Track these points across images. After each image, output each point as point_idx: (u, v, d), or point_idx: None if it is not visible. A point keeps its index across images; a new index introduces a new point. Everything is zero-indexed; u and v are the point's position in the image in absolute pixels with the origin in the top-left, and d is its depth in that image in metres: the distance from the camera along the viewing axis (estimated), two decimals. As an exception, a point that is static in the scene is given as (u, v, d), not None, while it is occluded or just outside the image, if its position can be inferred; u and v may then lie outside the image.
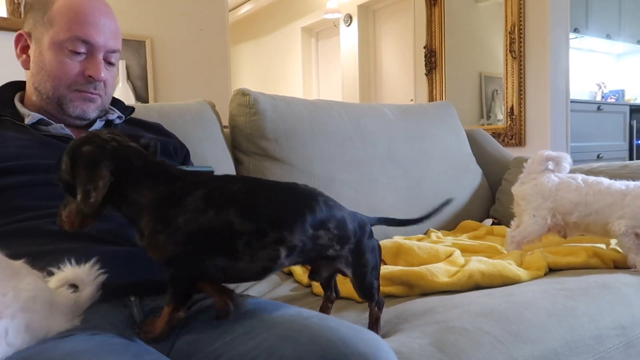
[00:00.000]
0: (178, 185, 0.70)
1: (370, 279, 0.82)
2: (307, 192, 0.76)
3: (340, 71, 5.37)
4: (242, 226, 0.68)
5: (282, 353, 0.63)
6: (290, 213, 0.71)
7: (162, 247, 0.67)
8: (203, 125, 1.49)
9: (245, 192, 0.71)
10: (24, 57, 1.04)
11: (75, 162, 0.70)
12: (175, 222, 0.67)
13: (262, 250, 0.69)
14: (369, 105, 1.84)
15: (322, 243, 0.73)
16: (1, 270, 0.66)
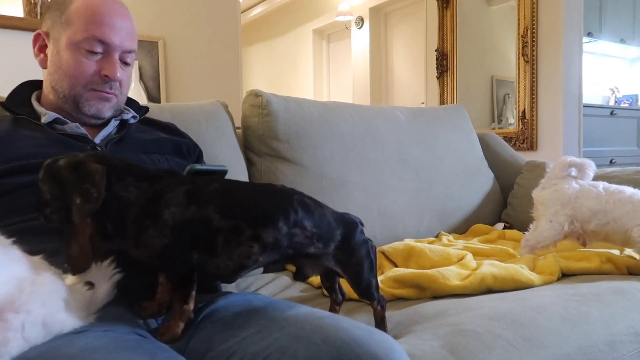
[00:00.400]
0: (160, 183, 0.73)
1: (366, 277, 0.84)
2: (282, 191, 0.80)
3: (351, 74, 5.38)
4: (221, 222, 0.72)
5: (295, 352, 0.63)
6: (264, 212, 0.75)
7: (152, 241, 0.70)
8: (216, 125, 1.49)
9: (223, 191, 0.75)
10: (41, 56, 1.06)
11: (55, 176, 0.71)
12: (161, 216, 0.70)
13: (239, 247, 0.73)
14: (380, 108, 1.84)
15: (298, 241, 0.76)
16: (20, 266, 0.67)
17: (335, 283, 0.95)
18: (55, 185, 0.70)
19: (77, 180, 0.69)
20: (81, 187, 0.68)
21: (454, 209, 1.79)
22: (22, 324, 0.64)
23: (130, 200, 0.71)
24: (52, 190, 0.71)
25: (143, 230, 0.70)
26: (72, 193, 0.69)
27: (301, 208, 0.78)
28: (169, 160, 1.10)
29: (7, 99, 1.06)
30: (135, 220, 0.70)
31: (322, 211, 0.81)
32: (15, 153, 0.94)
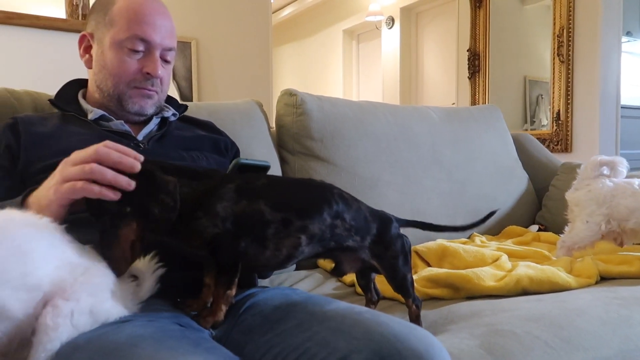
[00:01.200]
0: (211, 181, 0.76)
1: (402, 270, 0.86)
2: (323, 185, 0.84)
3: (381, 74, 5.36)
4: (272, 215, 0.75)
5: (335, 346, 0.64)
6: (310, 204, 0.78)
7: (202, 230, 0.72)
8: (251, 124, 1.52)
9: (271, 185, 0.79)
10: (86, 57, 1.10)
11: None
12: (214, 209, 0.73)
13: (287, 239, 0.76)
14: (414, 108, 1.84)
15: (339, 232, 0.79)
16: (73, 253, 0.70)
17: (371, 282, 0.96)
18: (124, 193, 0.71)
19: (152, 192, 0.71)
20: (158, 198, 0.71)
21: (487, 210, 1.74)
22: (71, 311, 0.67)
23: (183, 197, 0.73)
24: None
25: (195, 220, 0.73)
26: (148, 203, 0.71)
27: (341, 201, 0.81)
28: (208, 157, 1.13)
29: (56, 96, 1.11)
30: (187, 212, 0.73)
31: (359, 205, 0.85)
32: (64, 147, 0.98)
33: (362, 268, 0.90)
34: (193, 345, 0.67)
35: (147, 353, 0.63)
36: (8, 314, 0.62)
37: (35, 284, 0.65)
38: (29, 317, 0.65)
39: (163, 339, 0.67)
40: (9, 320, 0.63)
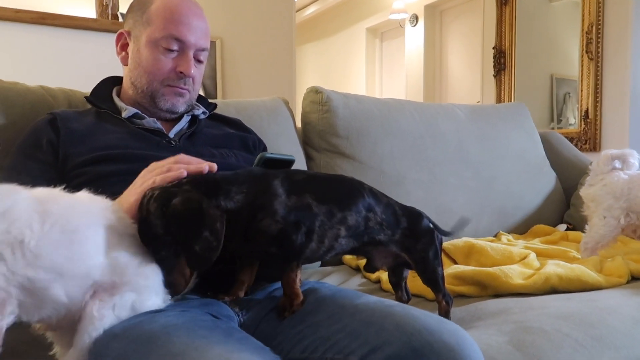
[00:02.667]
0: (257, 182, 0.78)
1: (432, 263, 0.88)
2: (355, 180, 0.87)
3: (404, 72, 5.33)
4: (317, 208, 0.78)
5: (367, 338, 0.65)
6: (347, 196, 0.81)
7: (267, 229, 0.74)
8: (277, 121, 1.54)
9: (310, 180, 0.81)
10: (123, 54, 1.13)
11: (172, 215, 0.71)
12: (271, 207, 0.75)
13: (330, 230, 0.79)
14: (440, 105, 1.83)
15: (372, 225, 0.82)
16: (129, 250, 0.73)
17: (402, 280, 0.97)
18: (171, 224, 0.72)
19: (196, 227, 0.71)
20: (201, 235, 0.71)
21: (514, 209, 1.75)
22: (114, 304, 0.70)
23: (239, 206, 0.75)
24: (165, 227, 0.72)
25: (258, 222, 0.75)
26: (190, 239, 0.71)
27: (372, 195, 0.84)
28: (237, 154, 1.15)
29: (91, 94, 1.14)
30: (247, 217, 0.75)
31: (388, 200, 0.88)
32: (100, 144, 1.01)
33: (394, 264, 0.91)
34: (225, 335, 0.69)
35: (181, 341, 0.65)
36: (53, 298, 0.65)
37: (84, 272, 0.68)
38: (76, 302, 0.67)
39: (196, 329, 0.69)
40: (55, 303, 0.66)
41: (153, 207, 0.72)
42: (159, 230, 0.72)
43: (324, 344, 0.69)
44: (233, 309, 0.84)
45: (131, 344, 0.66)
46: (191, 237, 0.71)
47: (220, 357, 0.61)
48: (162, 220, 0.72)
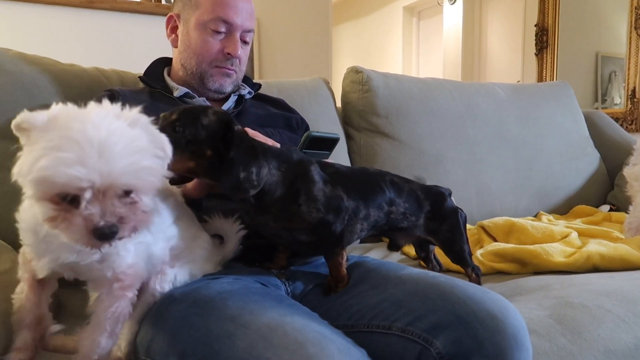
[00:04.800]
0: (296, 165, 0.77)
1: (458, 243, 0.90)
2: (376, 173, 0.87)
3: (442, 52, 5.24)
4: (348, 202, 0.78)
5: (411, 307, 0.68)
6: (371, 192, 0.82)
7: (306, 216, 0.75)
8: (318, 100, 1.56)
9: (339, 174, 0.81)
10: (173, 36, 1.17)
11: (234, 138, 0.71)
12: (311, 193, 0.75)
13: (355, 225, 0.80)
14: (480, 84, 1.82)
15: (394, 217, 0.84)
16: (188, 221, 0.79)
17: (430, 253, 1.00)
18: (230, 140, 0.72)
19: (248, 157, 0.71)
20: (249, 167, 0.71)
21: (555, 189, 1.74)
22: (175, 275, 0.77)
23: (275, 180, 0.74)
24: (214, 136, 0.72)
25: (298, 206, 0.74)
26: (239, 164, 0.71)
27: (393, 187, 0.85)
28: (281, 133, 1.18)
29: (145, 74, 1.19)
30: (284, 198, 0.75)
31: (410, 187, 0.88)
32: None
33: (418, 241, 0.94)
34: (276, 301, 0.73)
35: (236, 305, 0.69)
36: (154, 261, 0.72)
37: (170, 236, 0.75)
38: (163, 261, 0.74)
39: (249, 294, 0.73)
40: (152, 266, 0.72)
41: (213, 116, 0.73)
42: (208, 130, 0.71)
43: (369, 312, 0.73)
44: (280, 279, 0.88)
45: (191, 307, 0.71)
46: (240, 162, 0.70)
47: (273, 319, 0.65)
48: (218, 126, 0.72)
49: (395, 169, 1.55)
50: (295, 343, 0.59)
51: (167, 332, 0.69)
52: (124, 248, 0.64)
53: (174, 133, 0.70)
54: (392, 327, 0.69)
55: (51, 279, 0.69)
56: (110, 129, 0.55)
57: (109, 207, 0.55)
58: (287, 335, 0.61)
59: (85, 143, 0.53)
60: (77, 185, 0.53)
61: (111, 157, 0.54)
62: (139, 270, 0.67)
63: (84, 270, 0.63)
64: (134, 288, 0.67)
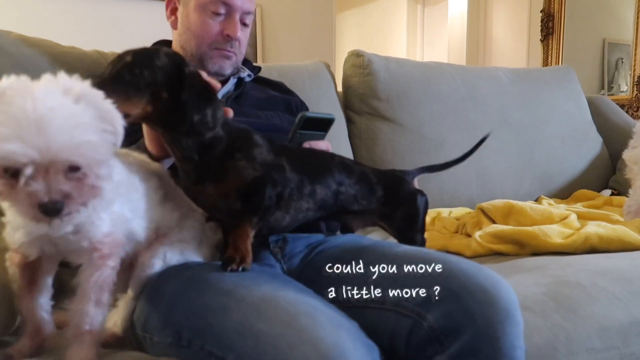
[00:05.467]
0: (240, 129, 0.77)
1: (410, 232, 0.86)
2: (325, 153, 0.86)
3: (447, 39, 5.20)
4: (291, 175, 0.77)
5: (405, 279, 0.69)
6: (317, 169, 0.80)
7: (242, 171, 0.72)
8: (319, 84, 1.56)
9: (285, 146, 0.81)
10: (172, 18, 1.17)
11: (186, 80, 0.69)
12: (250, 152, 0.74)
13: (298, 202, 0.78)
14: (482, 69, 1.81)
15: (342, 199, 0.82)
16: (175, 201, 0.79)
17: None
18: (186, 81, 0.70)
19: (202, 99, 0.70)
20: (204, 109, 0.69)
21: (556, 173, 1.74)
22: (164, 252, 0.77)
23: (220, 136, 0.73)
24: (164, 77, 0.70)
25: (235, 161, 0.72)
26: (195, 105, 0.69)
27: (343, 167, 0.83)
28: (280, 116, 1.18)
29: (144, 56, 1.20)
30: (223, 154, 0.73)
31: (362, 169, 0.86)
32: None
33: (371, 225, 0.92)
34: (271, 277, 0.75)
35: (231, 281, 0.70)
36: (136, 238, 0.73)
37: (152, 219, 0.75)
38: (144, 243, 0.75)
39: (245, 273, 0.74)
40: (134, 242, 0.73)
41: (165, 58, 0.70)
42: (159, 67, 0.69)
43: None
44: (276, 257, 0.89)
45: (186, 282, 0.72)
46: (194, 105, 0.69)
47: (267, 293, 0.66)
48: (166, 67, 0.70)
49: (396, 152, 1.56)
50: (287, 315, 0.60)
51: (163, 307, 0.71)
52: (98, 217, 0.64)
53: (131, 76, 0.67)
54: (385, 302, 0.69)
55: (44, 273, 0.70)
56: (50, 105, 0.55)
57: (53, 184, 0.55)
58: (280, 308, 0.62)
59: (23, 119, 0.53)
60: (15, 160, 0.53)
61: (50, 132, 0.54)
62: (117, 238, 0.67)
63: (62, 243, 0.64)
64: (114, 256, 0.67)
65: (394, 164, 1.54)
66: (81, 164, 0.57)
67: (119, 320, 0.73)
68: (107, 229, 0.66)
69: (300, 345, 0.56)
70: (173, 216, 0.79)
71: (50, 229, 0.61)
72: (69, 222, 0.61)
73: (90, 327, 0.64)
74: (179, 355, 0.67)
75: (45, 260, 0.68)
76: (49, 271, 0.70)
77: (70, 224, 0.62)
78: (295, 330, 0.58)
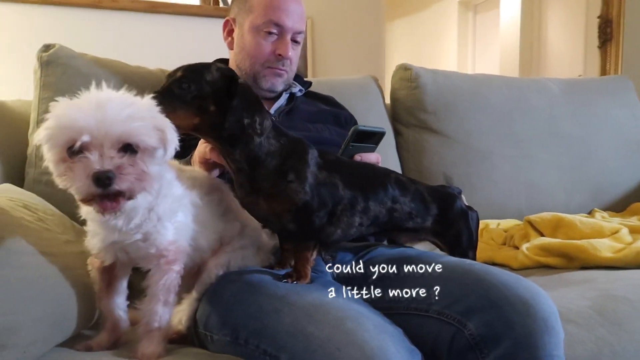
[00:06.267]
0: (295, 140, 0.78)
1: (461, 248, 0.88)
2: (381, 169, 0.87)
3: (499, 47, 5.12)
4: (344, 192, 0.78)
5: (448, 291, 0.72)
6: (372, 185, 0.81)
7: (293, 195, 0.74)
8: (367, 98, 1.61)
9: (339, 161, 0.82)
10: (229, 39, 1.25)
11: (238, 89, 0.73)
12: (303, 173, 0.75)
13: (351, 218, 0.79)
14: (532, 80, 1.80)
15: (398, 216, 0.83)
16: (237, 213, 0.86)
17: None
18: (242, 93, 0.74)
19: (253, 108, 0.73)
20: (253, 117, 0.73)
21: (610, 186, 1.70)
22: (228, 259, 0.84)
23: (272, 150, 0.75)
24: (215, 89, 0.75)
25: (288, 183, 0.74)
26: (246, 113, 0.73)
27: (398, 185, 0.84)
28: (330, 129, 1.24)
29: (203, 75, 1.28)
30: (276, 170, 0.75)
31: (417, 187, 0.87)
32: None
33: (421, 241, 0.95)
34: (321, 285, 0.80)
35: (285, 287, 0.76)
36: (200, 247, 0.80)
37: (216, 230, 0.82)
38: (209, 252, 0.82)
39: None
40: (199, 251, 0.80)
41: (217, 72, 0.75)
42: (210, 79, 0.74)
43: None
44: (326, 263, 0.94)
45: (244, 286, 0.78)
46: (245, 109, 0.72)
47: (317, 299, 0.71)
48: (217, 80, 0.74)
49: (443, 164, 1.58)
50: (335, 319, 0.65)
51: (222, 308, 0.77)
52: (163, 226, 0.71)
53: (179, 89, 0.72)
54: (429, 310, 0.73)
55: (119, 277, 0.78)
56: (109, 96, 0.64)
57: (107, 156, 0.62)
58: (329, 313, 0.67)
59: (85, 102, 0.63)
60: (76, 129, 0.61)
61: (105, 108, 0.62)
62: (181, 246, 0.74)
63: (133, 250, 0.72)
64: (178, 262, 0.74)
65: (440, 175, 1.57)
66: (132, 142, 0.63)
67: (183, 318, 0.80)
68: (172, 237, 0.73)
69: (347, 347, 0.61)
70: (234, 227, 0.85)
71: (122, 235, 0.69)
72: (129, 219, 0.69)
73: (159, 324, 0.71)
74: (237, 353, 0.73)
75: (119, 265, 0.76)
76: (123, 275, 0.78)
77: (139, 232, 0.70)
78: (342, 333, 0.63)
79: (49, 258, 0.71)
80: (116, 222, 0.69)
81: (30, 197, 0.93)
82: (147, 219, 0.70)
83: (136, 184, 0.64)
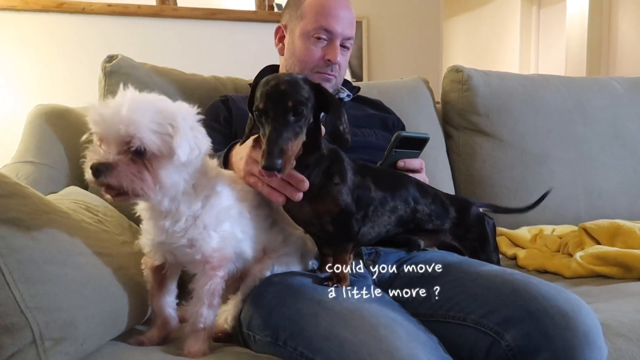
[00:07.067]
0: (333, 150, 0.80)
1: (484, 254, 0.90)
2: (401, 173, 0.91)
3: (565, 42, 4.89)
4: (375, 193, 0.81)
5: (486, 300, 0.72)
6: (398, 186, 0.85)
7: (338, 196, 0.76)
8: (417, 100, 1.60)
9: (367, 166, 0.85)
10: (280, 45, 1.29)
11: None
12: (345, 177, 0.78)
13: (382, 217, 0.82)
14: (593, 79, 1.72)
15: (420, 217, 0.86)
16: (282, 230, 0.90)
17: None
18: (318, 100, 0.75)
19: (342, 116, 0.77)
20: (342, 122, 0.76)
21: (678, 191, 1.60)
22: (272, 265, 0.87)
23: (325, 155, 0.78)
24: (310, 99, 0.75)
25: (335, 185, 0.77)
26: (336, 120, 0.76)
27: (418, 188, 0.88)
28: (377, 133, 1.25)
29: (254, 81, 1.33)
30: (325, 175, 0.77)
31: (435, 192, 0.91)
32: None
33: (443, 245, 0.95)
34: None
35: (323, 291, 0.78)
36: (244, 256, 0.84)
37: (260, 241, 0.86)
38: (252, 260, 0.86)
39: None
40: (243, 260, 0.84)
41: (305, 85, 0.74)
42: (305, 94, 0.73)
43: (447, 303, 0.77)
44: (368, 268, 0.95)
45: (285, 289, 0.81)
46: (343, 113, 0.76)
47: (353, 304, 0.73)
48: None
49: (496, 167, 1.54)
50: (369, 325, 0.66)
51: (264, 310, 0.80)
52: (208, 235, 0.75)
53: (295, 116, 0.71)
54: (467, 319, 0.73)
55: (170, 277, 0.83)
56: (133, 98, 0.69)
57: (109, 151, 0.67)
58: (363, 319, 0.68)
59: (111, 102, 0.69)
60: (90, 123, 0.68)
61: (119, 110, 0.67)
62: (226, 253, 0.78)
63: (180, 254, 0.76)
64: (223, 268, 0.78)
65: (493, 179, 1.53)
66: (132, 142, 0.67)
67: (229, 318, 0.84)
68: (217, 244, 0.77)
69: (378, 354, 0.62)
70: (278, 238, 0.88)
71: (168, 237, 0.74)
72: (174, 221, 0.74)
73: (203, 325, 0.76)
74: (276, 354, 0.75)
75: (169, 266, 0.81)
76: (173, 276, 0.83)
77: (185, 237, 0.74)
78: (375, 340, 0.64)
79: (105, 259, 0.76)
80: (164, 222, 0.74)
81: (92, 199, 1.00)
82: (193, 226, 0.75)
83: (136, 183, 0.68)
